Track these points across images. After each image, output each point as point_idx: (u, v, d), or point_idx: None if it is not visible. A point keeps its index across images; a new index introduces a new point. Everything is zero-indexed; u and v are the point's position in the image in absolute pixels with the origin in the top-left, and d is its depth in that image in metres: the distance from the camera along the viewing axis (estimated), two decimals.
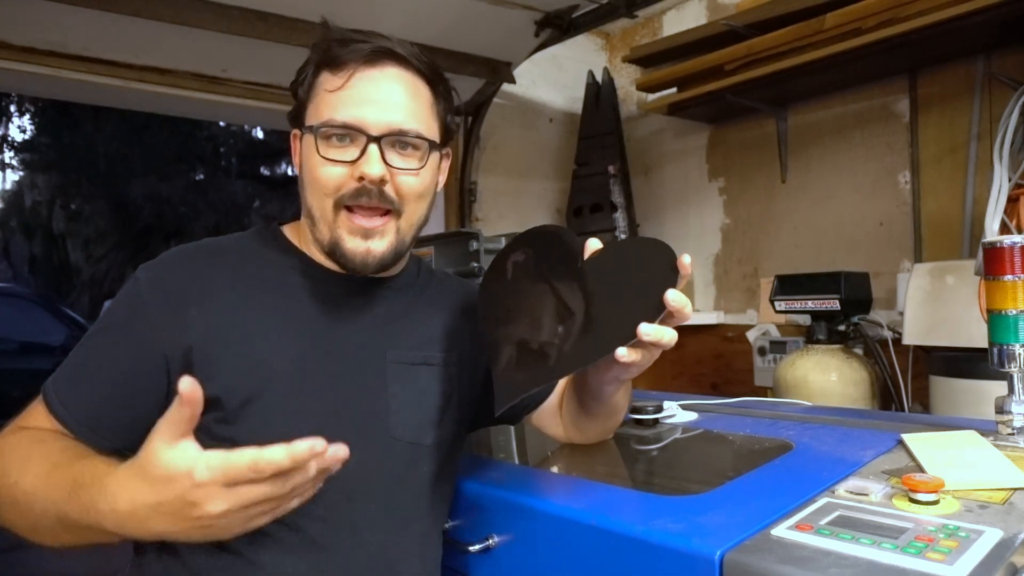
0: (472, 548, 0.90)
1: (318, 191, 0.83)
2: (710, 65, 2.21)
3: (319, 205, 0.84)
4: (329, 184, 0.82)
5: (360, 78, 0.82)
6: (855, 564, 0.60)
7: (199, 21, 1.78)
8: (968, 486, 0.77)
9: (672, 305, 0.73)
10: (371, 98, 0.81)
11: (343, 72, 0.82)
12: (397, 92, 0.83)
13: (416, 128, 0.83)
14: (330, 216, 0.83)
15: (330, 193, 0.82)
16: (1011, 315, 0.96)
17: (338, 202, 0.82)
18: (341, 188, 0.82)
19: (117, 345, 0.80)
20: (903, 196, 2.12)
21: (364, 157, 0.81)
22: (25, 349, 4.99)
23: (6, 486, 0.72)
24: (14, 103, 11.18)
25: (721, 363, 2.63)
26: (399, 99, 0.83)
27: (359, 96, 0.81)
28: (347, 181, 0.82)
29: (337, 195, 0.82)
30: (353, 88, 0.81)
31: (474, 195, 2.71)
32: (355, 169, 0.81)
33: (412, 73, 0.85)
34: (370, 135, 0.81)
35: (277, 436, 0.78)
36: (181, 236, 11.24)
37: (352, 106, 0.81)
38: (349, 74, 0.82)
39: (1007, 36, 1.82)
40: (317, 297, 0.87)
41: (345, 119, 0.81)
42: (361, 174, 0.80)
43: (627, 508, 0.81)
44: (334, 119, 0.81)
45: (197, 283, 0.82)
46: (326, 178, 0.82)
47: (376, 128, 0.81)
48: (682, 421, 1.30)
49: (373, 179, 0.80)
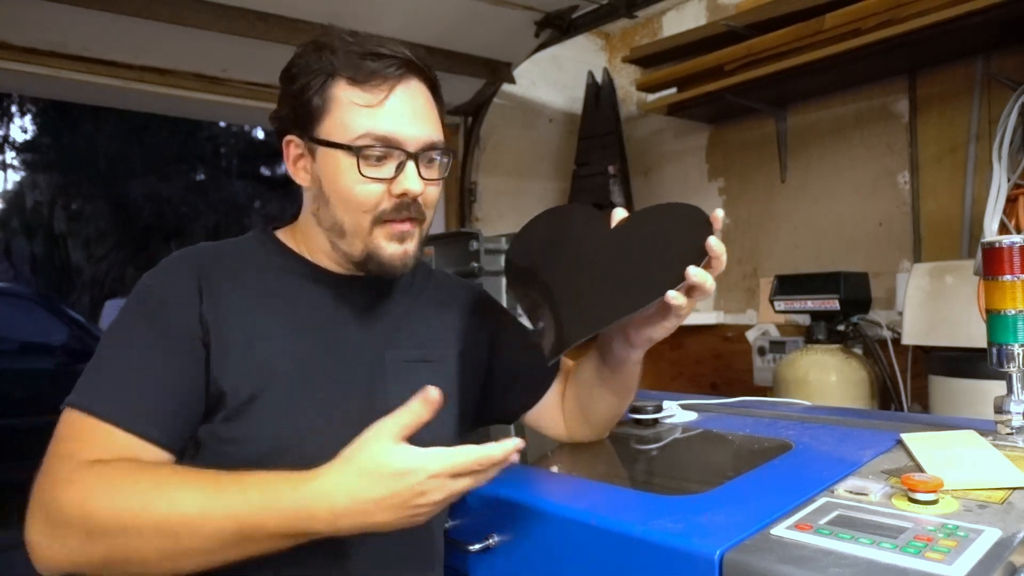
0: (472, 548, 0.90)
1: (355, 208, 0.83)
2: (710, 65, 2.21)
3: (353, 221, 0.84)
4: (368, 202, 0.82)
5: (395, 96, 0.82)
6: (854, 564, 0.61)
7: (199, 21, 1.79)
8: (967, 486, 0.77)
9: (714, 250, 0.77)
10: (407, 113, 0.82)
11: (374, 86, 0.81)
12: (424, 106, 0.85)
13: (442, 140, 0.86)
14: (366, 231, 0.84)
15: (369, 210, 0.83)
16: (1010, 315, 0.96)
17: (377, 217, 0.83)
18: (379, 205, 0.83)
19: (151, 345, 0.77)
20: (903, 196, 2.12)
21: (403, 174, 0.82)
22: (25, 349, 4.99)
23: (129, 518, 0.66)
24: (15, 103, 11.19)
25: (721, 363, 2.63)
26: (427, 113, 0.85)
27: (396, 111, 0.82)
28: (384, 198, 0.83)
29: (375, 212, 0.83)
30: (390, 103, 0.81)
31: (474, 195, 2.71)
32: (393, 186, 0.82)
33: (427, 85, 0.86)
34: (409, 151, 0.82)
35: (279, 435, 0.79)
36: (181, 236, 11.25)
37: (390, 121, 0.81)
38: (386, 89, 0.81)
39: (1007, 36, 1.82)
40: (317, 298, 0.87)
41: (386, 134, 0.81)
42: (404, 191, 0.82)
43: (627, 508, 0.81)
44: (373, 133, 0.80)
45: (201, 284, 0.82)
46: (365, 196, 0.82)
47: (414, 144, 0.82)
48: (682, 421, 1.30)
49: (416, 195, 0.83)
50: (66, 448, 0.72)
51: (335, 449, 0.81)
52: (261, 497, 0.67)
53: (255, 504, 0.67)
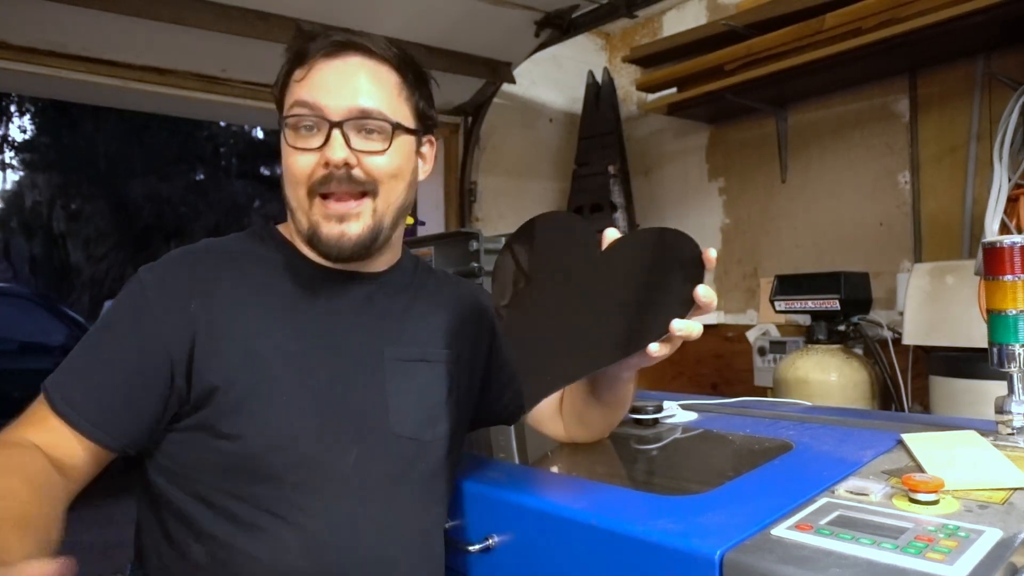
0: (472, 548, 0.90)
1: (291, 180, 0.85)
2: (710, 65, 2.21)
3: (294, 195, 0.85)
4: (300, 172, 0.83)
5: (320, 66, 0.83)
6: (855, 564, 0.60)
7: (199, 21, 1.78)
8: (968, 486, 0.77)
9: (702, 301, 0.74)
10: (331, 83, 0.83)
11: (306, 65, 0.84)
12: (358, 76, 0.84)
13: (378, 108, 0.84)
14: (305, 204, 0.84)
15: (302, 181, 0.84)
16: (1011, 315, 0.96)
17: (311, 190, 0.84)
18: (312, 176, 0.83)
19: (122, 343, 0.80)
20: (903, 196, 2.12)
21: (328, 143, 0.82)
22: (25, 349, 4.99)
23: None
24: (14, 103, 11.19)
25: (721, 363, 2.63)
26: (360, 83, 0.84)
27: (320, 83, 0.83)
28: (316, 168, 0.83)
29: (309, 183, 0.83)
30: (314, 76, 0.83)
31: (474, 195, 2.71)
32: (322, 156, 0.82)
33: (376, 61, 0.86)
34: (331, 120, 0.82)
35: (278, 432, 0.79)
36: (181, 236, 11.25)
37: (312, 91, 0.83)
38: (310, 65, 0.84)
39: (1007, 36, 1.82)
40: (315, 294, 0.88)
41: (305, 100, 0.82)
42: (327, 159, 0.82)
43: (627, 508, 0.81)
44: (295, 104, 0.83)
45: (198, 281, 0.82)
46: (296, 166, 0.83)
47: (336, 112, 0.82)
48: (682, 421, 1.30)
49: (337, 163, 0.82)
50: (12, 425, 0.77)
51: (333, 446, 0.82)
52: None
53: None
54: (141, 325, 0.80)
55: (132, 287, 0.82)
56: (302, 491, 0.79)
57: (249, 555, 0.77)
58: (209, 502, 0.78)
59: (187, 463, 0.80)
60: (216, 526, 0.78)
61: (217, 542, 0.78)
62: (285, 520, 0.78)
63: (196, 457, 0.79)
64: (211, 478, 0.79)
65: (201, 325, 0.80)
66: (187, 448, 0.80)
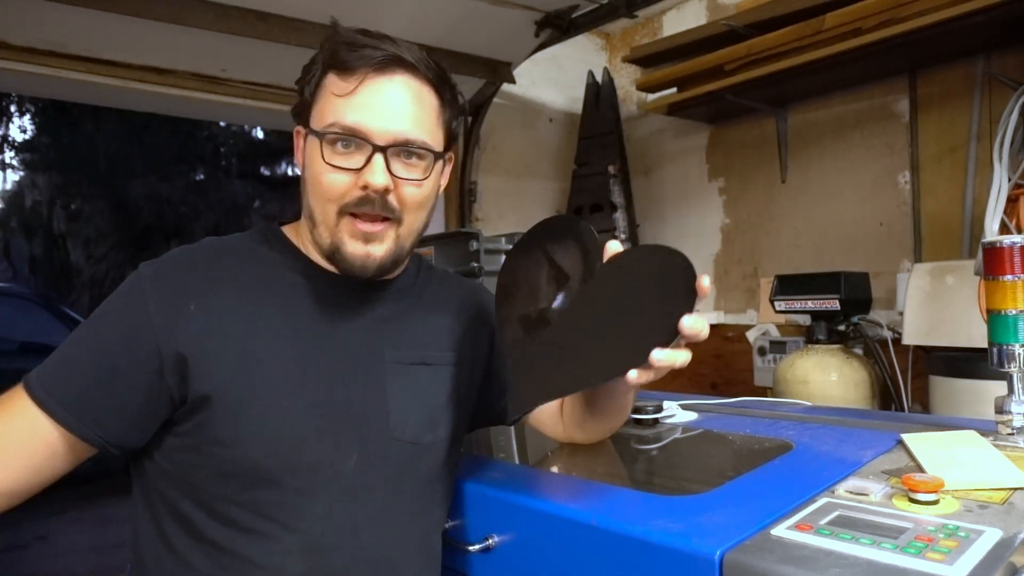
0: (472, 548, 0.90)
1: (321, 196, 0.83)
2: (710, 65, 2.21)
3: (321, 209, 0.83)
4: (333, 191, 0.81)
5: (368, 85, 0.81)
6: (855, 564, 0.60)
7: (199, 21, 1.78)
8: (968, 486, 0.77)
9: (687, 332, 0.72)
10: (378, 106, 0.81)
11: (352, 77, 0.81)
12: (404, 101, 0.82)
13: (422, 138, 0.83)
14: (332, 221, 0.83)
15: (334, 200, 0.82)
16: (1011, 315, 0.96)
17: (342, 209, 0.82)
18: (345, 196, 0.81)
19: (111, 334, 0.79)
20: (903, 196, 2.12)
21: (369, 166, 0.80)
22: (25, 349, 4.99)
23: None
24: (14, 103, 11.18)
25: (721, 363, 2.63)
26: (406, 108, 0.82)
27: (366, 103, 0.80)
28: (351, 189, 0.81)
29: (341, 202, 0.82)
30: (360, 95, 0.81)
31: (474, 195, 2.71)
32: (359, 178, 0.80)
33: (421, 81, 0.84)
34: (376, 144, 0.80)
35: (278, 436, 0.79)
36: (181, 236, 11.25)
37: (358, 112, 0.80)
38: (358, 80, 0.81)
39: (1007, 36, 1.82)
40: (316, 298, 0.87)
41: (351, 124, 0.80)
42: (365, 183, 0.80)
43: (627, 508, 0.81)
44: (340, 122, 0.80)
45: (198, 281, 0.82)
46: (330, 185, 0.81)
47: (382, 137, 0.80)
48: (682, 421, 1.30)
49: (377, 189, 0.80)
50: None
51: (333, 450, 0.82)
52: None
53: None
54: (133, 319, 0.79)
55: (131, 282, 0.82)
56: (302, 495, 0.79)
57: (249, 560, 0.77)
58: (208, 507, 0.78)
59: (185, 468, 0.79)
60: (215, 531, 0.78)
61: (216, 547, 0.77)
62: (285, 524, 0.78)
63: (194, 462, 0.78)
64: (210, 483, 0.78)
65: (199, 326, 0.79)
66: (185, 453, 0.79)
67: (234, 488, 0.78)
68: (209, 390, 0.77)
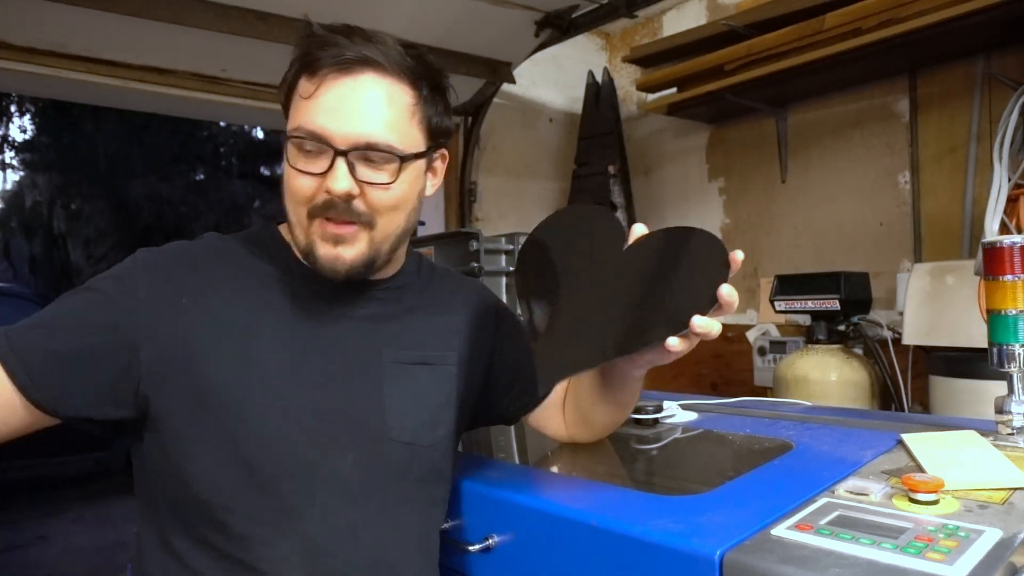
0: (472, 548, 0.90)
1: (292, 199, 0.82)
2: (710, 65, 2.21)
3: (294, 211, 0.83)
4: (300, 194, 0.81)
5: (331, 87, 0.78)
6: (855, 564, 0.60)
7: (199, 21, 1.79)
8: (968, 486, 0.77)
9: (726, 299, 0.74)
10: (340, 108, 0.78)
11: (316, 78, 0.79)
12: (369, 102, 0.79)
13: (387, 140, 0.80)
14: (304, 223, 0.82)
15: (302, 203, 0.81)
16: (1011, 315, 0.96)
17: (311, 212, 0.81)
18: (312, 199, 0.80)
19: (93, 307, 0.77)
20: (903, 196, 2.12)
21: (331, 172, 0.78)
22: None
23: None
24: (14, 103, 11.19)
25: (721, 363, 2.63)
26: (371, 110, 0.78)
27: (328, 105, 0.78)
28: (317, 193, 0.80)
29: (309, 205, 0.81)
30: (322, 97, 0.78)
31: (474, 195, 2.71)
32: (324, 181, 0.79)
33: (391, 79, 0.81)
34: (337, 149, 0.78)
35: (274, 436, 0.79)
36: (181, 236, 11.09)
37: (320, 115, 0.78)
38: (320, 81, 0.79)
39: (1007, 36, 1.82)
40: (312, 297, 0.87)
41: (312, 128, 0.78)
42: (327, 189, 0.78)
43: (627, 508, 0.81)
44: (303, 127, 0.79)
45: (193, 276, 0.81)
46: (297, 188, 0.81)
47: (343, 141, 0.78)
48: (682, 421, 1.30)
49: (339, 195, 0.78)
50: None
51: (329, 450, 0.81)
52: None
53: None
54: (120, 299, 0.77)
55: (126, 263, 0.81)
56: (298, 496, 0.79)
57: (248, 561, 0.77)
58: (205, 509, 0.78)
59: (182, 469, 0.78)
60: (213, 534, 0.77)
61: (216, 548, 0.77)
62: (282, 527, 0.78)
63: (190, 463, 0.78)
64: (205, 485, 0.77)
65: (191, 323, 0.78)
66: (180, 453, 0.78)
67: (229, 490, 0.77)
68: (203, 387, 0.77)
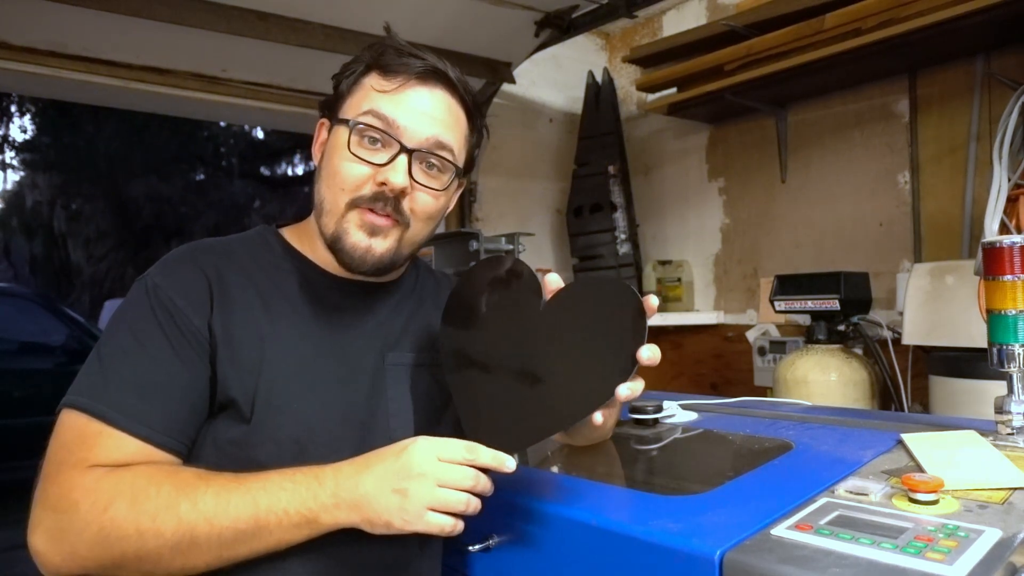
0: (472, 548, 0.90)
1: (335, 185, 0.82)
2: (710, 65, 2.21)
3: (332, 198, 0.83)
4: (349, 181, 0.81)
5: (409, 89, 0.82)
6: (855, 564, 0.60)
7: (199, 21, 1.78)
8: (967, 486, 0.77)
9: (645, 362, 0.72)
10: (415, 107, 0.82)
11: (396, 78, 0.82)
12: (443, 110, 0.84)
13: (452, 148, 0.84)
14: (340, 211, 0.82)
15: (347, 190, 0.81)
16: (1011, 315, 0.96)
17: (353, 201, 0.81)
18: (360, 189, 0.81)
19: (169, 350, 0.76)
20: (903, 196, 2.12)
21: (391, 165, 0.80)
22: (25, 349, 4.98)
23: (149, 521, 0.68)
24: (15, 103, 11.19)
25: (721, 363, 2.63)
26: (444, 117, 0.84)
27: (406, 102, 0.82)
28: (368, 182, 0.81)
29: (354, 194, 0.81)
30: (400, 94, 0.82)
31: (474, 195, 2.71)
32: (379, 173, 0.80)
33: (457, 100, 0.86)
34: (404, 145, 0.81)
35: (283, 438, 0.79)
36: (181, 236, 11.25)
37: (396, 107, 0.81)
38: (400, 81, 0.82)
39: (1007, 36, 1.82)
40: (318, 302, 0.87)
41: (386, 114, 0.81)
42: (384, 180, 0.80)
43: (627, 508, 0.81)
44: (376, 110, 0.81)
45: (211, 282, 0.81)
46: (347, 174, 0.81)
47: (412, 139, 0.81)
48: (682, 421, 1.30)
49: (395, 189, 0.80)
50: (76, 455, 0.71)
51: (335, 452, 0.81)
52: (281, 480, 0.72)
53: (259, 500, 0.70)
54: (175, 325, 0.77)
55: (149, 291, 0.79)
56: None
57: (251, 561, 0.77)
58: None
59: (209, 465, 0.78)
60: None
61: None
62: None
63: (201, 462, 0.78)
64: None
65: (221, 330, 0.79)
66: (193, 453, 0.79)
67: None
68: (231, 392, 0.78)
